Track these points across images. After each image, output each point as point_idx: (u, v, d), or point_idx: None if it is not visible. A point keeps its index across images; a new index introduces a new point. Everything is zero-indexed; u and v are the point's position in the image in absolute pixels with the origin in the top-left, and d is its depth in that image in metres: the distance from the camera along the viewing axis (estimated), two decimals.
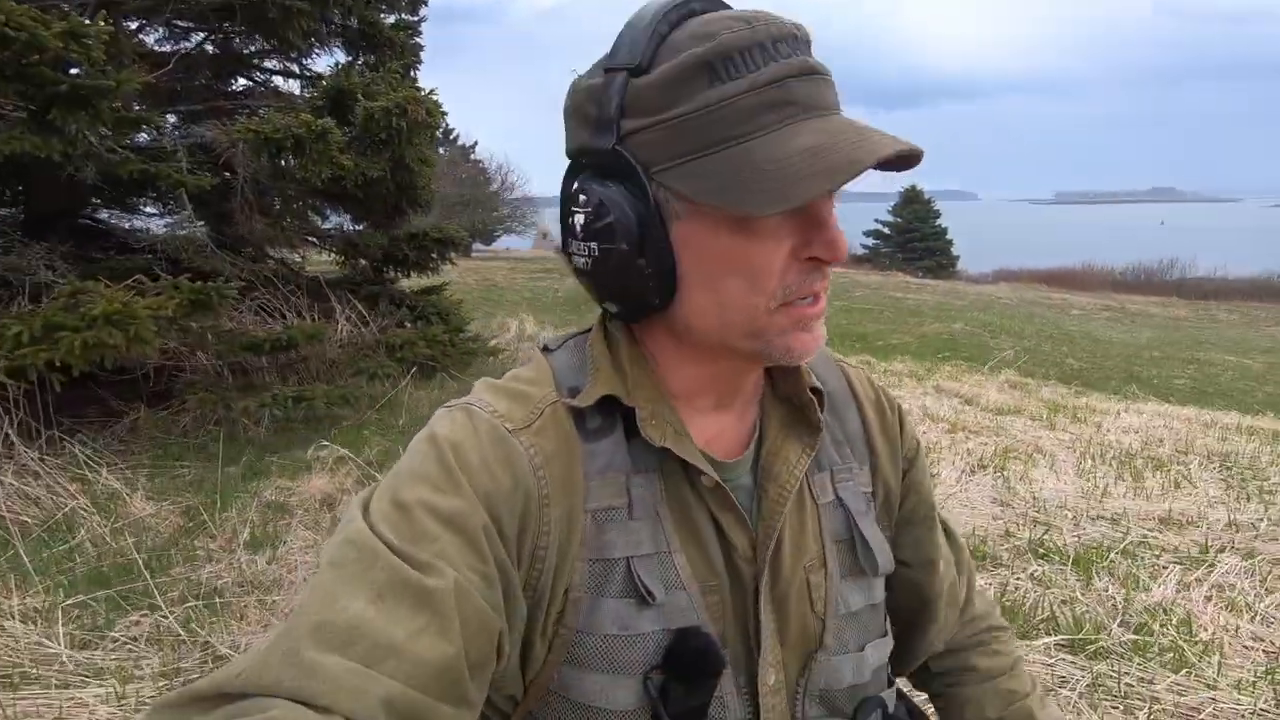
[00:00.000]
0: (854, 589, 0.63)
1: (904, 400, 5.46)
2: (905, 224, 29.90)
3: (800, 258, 0.52)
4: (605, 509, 0.55)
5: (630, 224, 0.51)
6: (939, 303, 15.64)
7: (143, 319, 2.76)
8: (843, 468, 0.65)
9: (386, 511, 0.49)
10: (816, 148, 0.48)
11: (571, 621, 0.54)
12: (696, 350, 0.57)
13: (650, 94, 0.50)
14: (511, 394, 0.57)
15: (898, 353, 8.84)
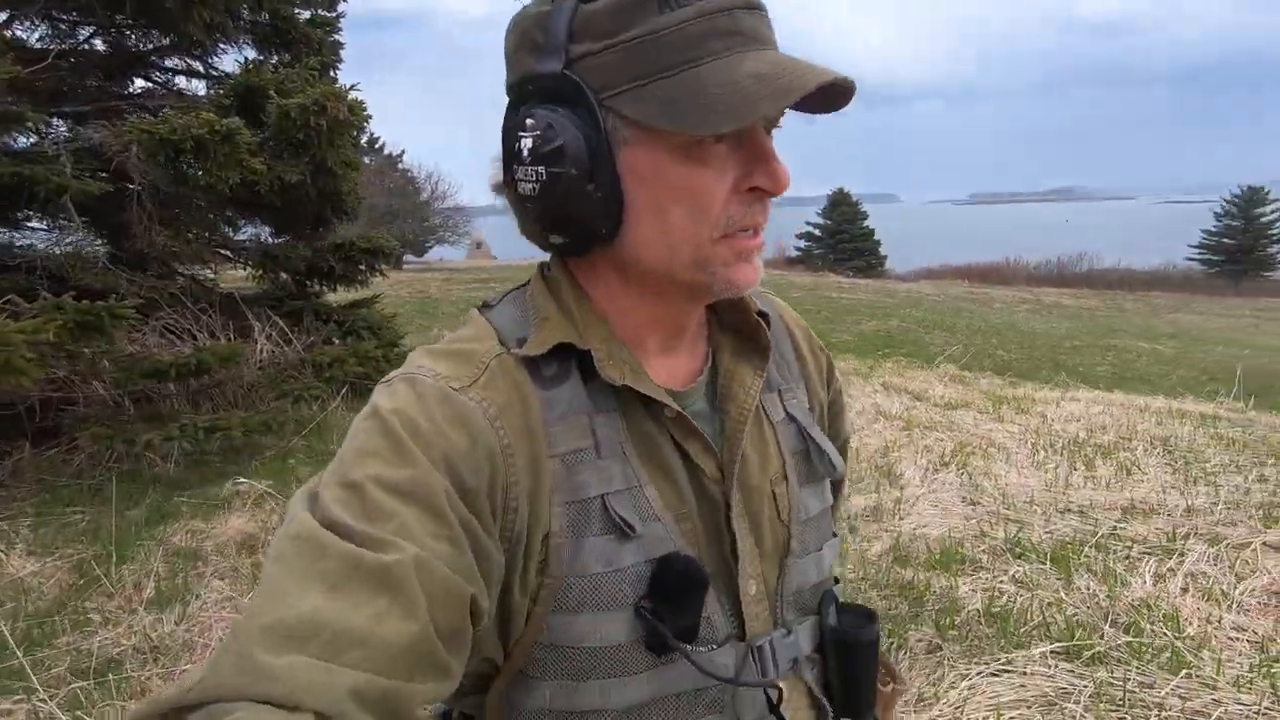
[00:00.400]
0: (811, 495, 0.66)
1: (856, 400, 5.45)
2: (835, 226, 30.71)
3: (742, 189, 0.53)
4: (573, 451, 0.55)
5: (580, 148, 0.51)
6: (872, 301, 16.03)
7: (16, 345, 2.37)
8: (788, 387, 0.69)
9: (337, 495, 0.48)
10: (763, 74, 0.49)
11: (556, 569, 0.54)
12: (642, 288, 0.58)
13: (600, 19, 0.50)
14: (452, 354, 0.56)
15: (840, 351, 8.92)
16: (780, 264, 29.82)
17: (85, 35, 5.20)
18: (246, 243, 5.14)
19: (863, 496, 3.16)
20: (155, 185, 3.58)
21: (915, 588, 2.35)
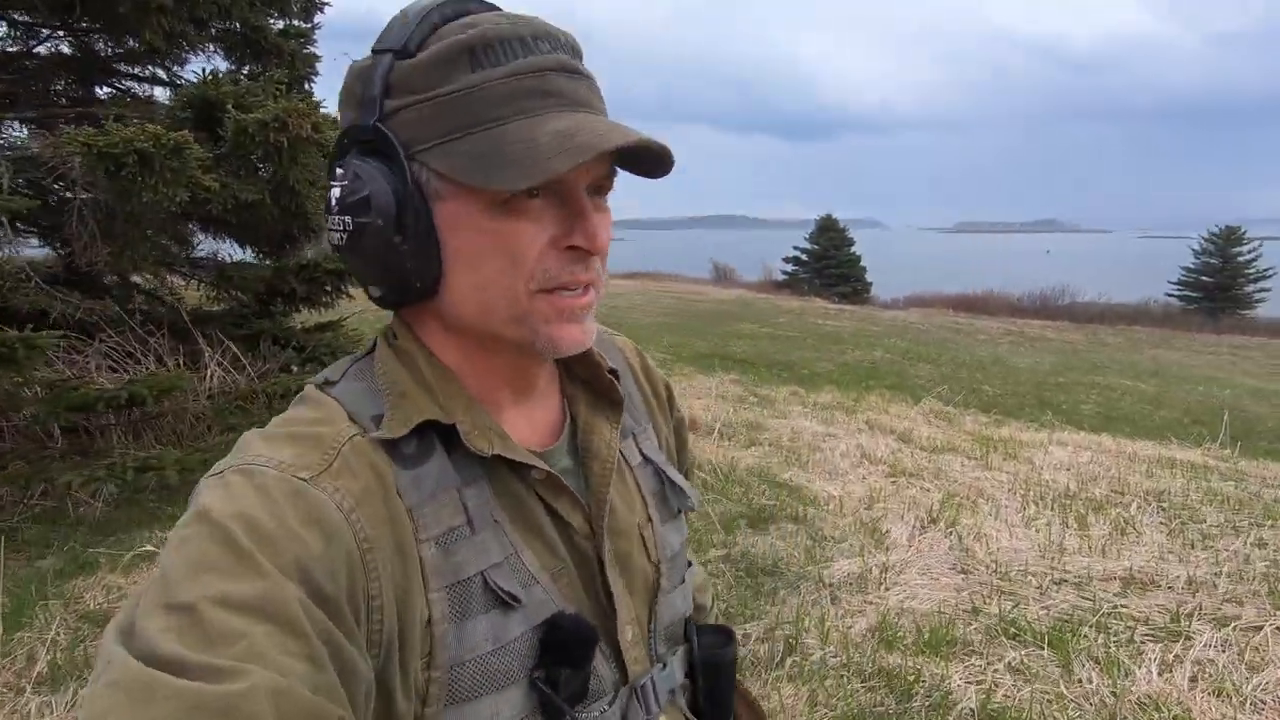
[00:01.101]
0: (672, 530, 0.69)
1: (840, 440, 5.27)
2: (822, 250, 30.85)
3: (561, 246, 0.53)
4: (447, 532, 0.53)
5: (386, 199, 0.51)
6: (857, 329, 15.96)
7: None
8: (640, 430, 0.71)
9: (164, 623, 0.40)
10: (566, 131, 0.50)
11: (442, 659, 0.51)
12: (473, 343, 0.58)
13: (414, 74, 0.51)
14: (295, 439, 0.51)
15: (823, 382, 8.76)
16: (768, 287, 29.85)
17: (45, 37, 4.96)
18: (205, 260, 4.88)
19: (847, 560, 2.95)
20: (96, 200, 3.33)
21: (903, 677, 2.13)
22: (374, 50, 0.53)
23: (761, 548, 3.11)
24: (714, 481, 3.97)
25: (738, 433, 5.32)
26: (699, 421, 5.37)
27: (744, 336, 12.95)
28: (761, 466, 4.40)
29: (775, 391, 7.47)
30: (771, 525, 3.38)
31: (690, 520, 3.14)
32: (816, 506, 3.68)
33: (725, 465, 4.29)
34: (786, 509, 3.60)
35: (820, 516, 3.53)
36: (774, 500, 3.72)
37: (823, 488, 4.01)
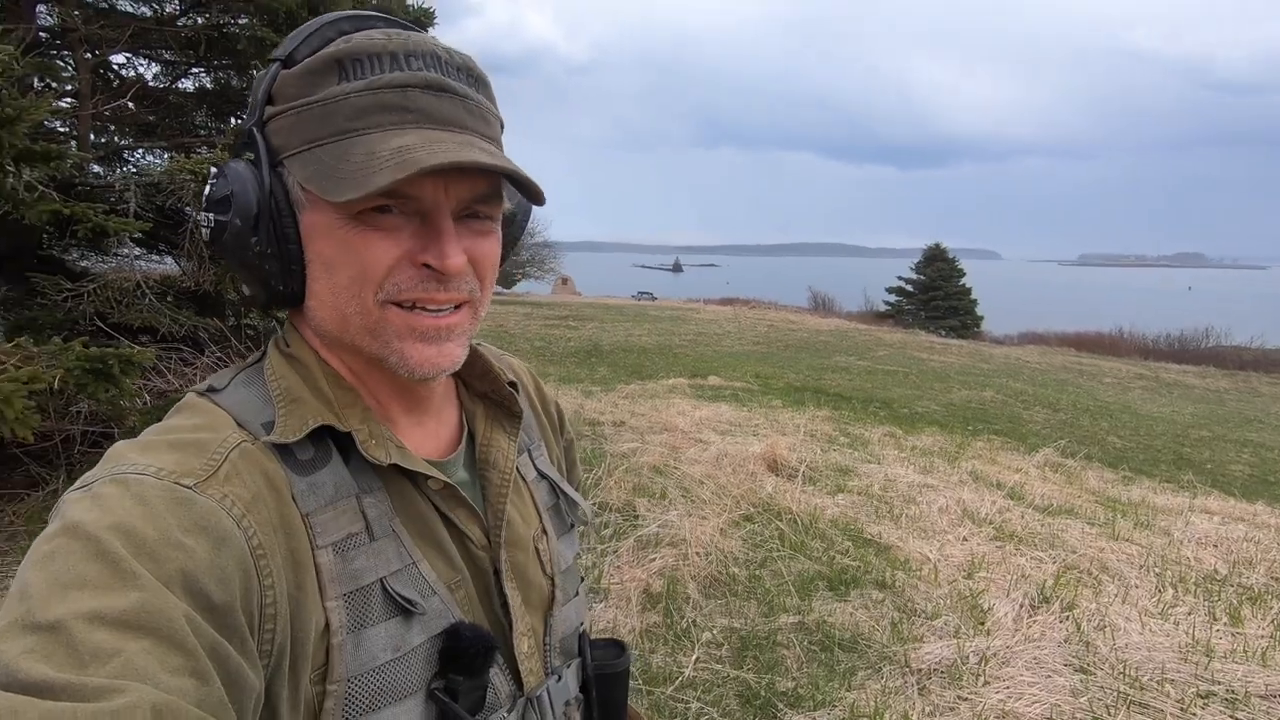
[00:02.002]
0: (566, 544, 0.71)
1: (939, 493, 4.81)
2: (929, 281, 29.36)
3: (416, 262, 0.53)
4: (346, 538, 0.53)
5: (247, 200, 0.52)
6: (965, 365, 14.94)
7: (8, 394, 2.23)
8: (534, 445, 0.73)
9: (27, 646, 0.37)
10: (408, 147, 0.49)
11: (340, 671, 0.50)
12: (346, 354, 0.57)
13: (290, 83, 0.52)
14: (175, 445, 0.49)
15: (924, 423, 8.15)
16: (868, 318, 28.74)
17: (188, 74, 5.43)
18: None
19: (940, 642, 2.59)
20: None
21: None
22: (268, 58, 0.55)
23: (841, 617, 2.80)
24: (791, 534, 3.68)
25: (824, 477, 4.97)
26: (782, 462, 5.06)
27: (839, 370, 12.38)
28: (847, 519, 4.05)
29: (869, 431, 7.00)
30: (854, 591, 3.05)
31: (762, 580, 2.87)
32: (907, 571, 3.31)
33: (806, 515, 3.98)
34: (872, 572, 3.27)
35: (911, 584, 3.16)
36: (858, 561, 3.39)
37: (916, 549, 3.63)
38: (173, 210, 3.79)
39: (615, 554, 3.24)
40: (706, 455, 5.12)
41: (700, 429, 6.15)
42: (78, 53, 4.41)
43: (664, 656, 2.50)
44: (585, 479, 4.38)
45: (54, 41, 4.44)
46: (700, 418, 6.68)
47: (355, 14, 0.55)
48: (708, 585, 3.06)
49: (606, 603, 2.83)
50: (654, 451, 5.05)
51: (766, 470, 4.94)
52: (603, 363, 11.19)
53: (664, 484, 4.36)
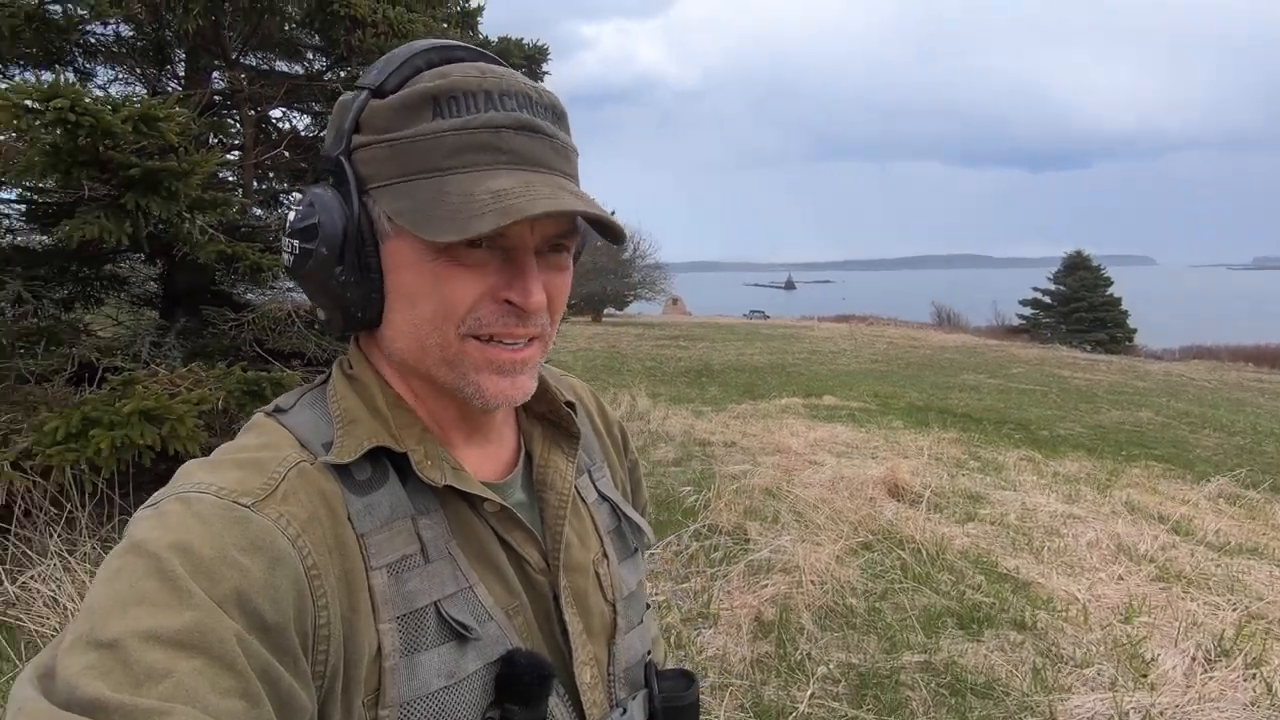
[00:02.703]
0: (629, 569, 0.69)
1: (1088, 525, 4.34)
2: (1070, 292, 26.94)
3: (498, 298, 0.54)
4: (400, 559, 0.52)
5: (334, 229, 0.52)
6: (1115, 384, 13.52)
7: (180, 415, 2.53)
8: (595, 467, 0.71)
9: (86, 662, 0.38)
10: (505, 190, 0.50)
11: (392, 695, 0.49)
12: (418, 381, 0.58)
13: (382, 115, 0.53)
14: (238, 464, 0.50)
15: (1067, 447, 7.42)
16: (999, 332, 26.79)
17: None
18: None
19: (1093, 695, 2.31)
20: None
21: None
22: (356, 86, 0.55)
23: (973, 659, 2.57)
24: (915, 565, 3.44)
25: (951, 504, 4.63)
26: (904, 486, 4.77)
27: (967, 388, 11.58)
28: (979, 550, 3.74)
29: (1003, 455, 6.47)
30: (988, 630, 2.80)
31: (883, 613, 2.70)
32: (1051, 611, 3.00)
33: (932, 544, 3.71)
34: (1009, 610, 2.98)
35: (1055, 626, 2.86)
36: (993, 597, 3.11)
37: (1061, 586, 3.28)
38: None
39: (725, 579, 3.17)
40: (821, 478, 4.92)
41: (815, 450, 5.94)
42: (243, 110, 4.99)
43: (776, 690, 2.39)
44: (694, 500, 4.33)
45: (225, 102, 5.05)
46: (815, 439, 6.45)
47: (444, 44, 0.56)
48: (823, 616, 2.91)
49: (716, 629, 2.76)
50: (766, 473, 4.92)
51: (887, 495, 4.67)
52: (714, 382, 11.11)
53: (776, 507, 4.23)
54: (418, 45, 0.55)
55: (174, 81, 4.80)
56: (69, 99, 2.39)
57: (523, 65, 5.63)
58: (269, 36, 4.68)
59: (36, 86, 2.39)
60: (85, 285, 4.90)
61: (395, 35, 3.94)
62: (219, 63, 4.68)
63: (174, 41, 4.49)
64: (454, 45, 0.56)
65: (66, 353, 3.36)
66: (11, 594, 2.55)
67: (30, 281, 4.02)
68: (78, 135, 2.48)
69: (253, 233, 3.79)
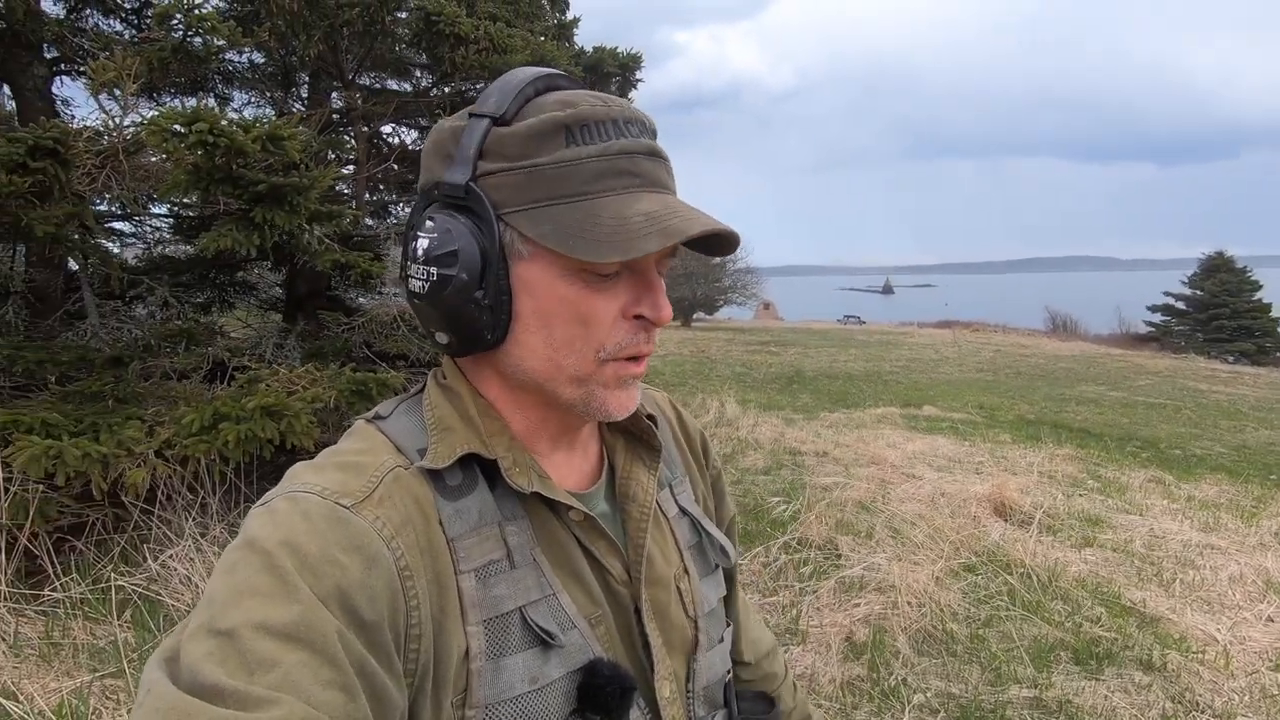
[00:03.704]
0: (709, 586, 0.69)
1: (1230, 557, 3.90)
2: (1209, 296, 24.44)
3: (629, 315, 0.56)
4: (487, 564, 0.54)
5: (473, 254, 0.54)
6: (1264, 399, 12.12)
7: (297, 412, 2.72)
8: (676, 480, 0.72)
9: (208, 649, 0.42)
10: (654, 213, 0.53)
11: (479, 697, 0.51)
12: (528, 395, 0.59)
13: (511, 142, 0.54)
14: (341, 467, 0.53)
15: (1204, 468, 6.71)
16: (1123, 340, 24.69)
17: None
18: None
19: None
20: None
21: None
22: (471, 114, 0.56)
23: (1091, 698, 2.35)
24: (1025, 592, 3.20)
25: (1066, 526, 4.29)
26: (1012, 505, 4.46)
27: (1086, 401, 10.72)
28: (1098, 579, 3.44)
29: (1127, 475, 5.93)
30: (1108, 668, 2.56)
31: (987, 641, 2.52)
32: (1184, 652, 2.71)
33: (1044, 570, 3.44)
34: (1134, 648, 2.72)
35: (1190, 669, 2.58)
36: (1114, 632, 2.84)
37: (1196, 625, 2.96)
38: None
39: (815, 594, 3.07)
40: (920, 493, 4.68)
41: (913, 463, 5.66)
42: (357, 127, 5.34)
43: (867, 715, 2.28)
44: (783, 511, 4.22)
45: (341, 120, 5.42)
46: (913, 451, 6.15)
47: (546, 73, 0.58)
48: (920, 640, 2.76)
49: (805, 646, 2.68)
50: (860, 486, 4.74)
51: (992, 514, 4.38)
52: (805, 389, 10.83)
53: (871, 522, 4.06)
54: (525, 74, 0.57)
55: (299, 103, 5.20)
56: (208, 122, 2.63)
57: (617, 73, 5.72)
58: (381, 57, 4.98)
59: (181, 112, 2.65)
60: (220, 291, 5.38)
61: (496, 51, 4.09)
62: (337, 84, 5.03)
63: (298, 66, 4.86)
64: (554, 73, 0.58)
65: (203, 352, 3.69)
66: (154, 570, 2.82)
67: (175, 288, 4.46)
68: (215, 155, 2.73)
69: (364, 242, 4.04)
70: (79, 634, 2.48)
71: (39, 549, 2.71)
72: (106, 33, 4.35)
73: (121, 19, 4.73)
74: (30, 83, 3.76)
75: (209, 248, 2.91)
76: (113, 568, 2.81)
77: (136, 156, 3.08)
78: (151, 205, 4.81)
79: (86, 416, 2.75)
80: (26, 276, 3.75)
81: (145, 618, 2.59)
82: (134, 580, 2.74)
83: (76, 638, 2.45)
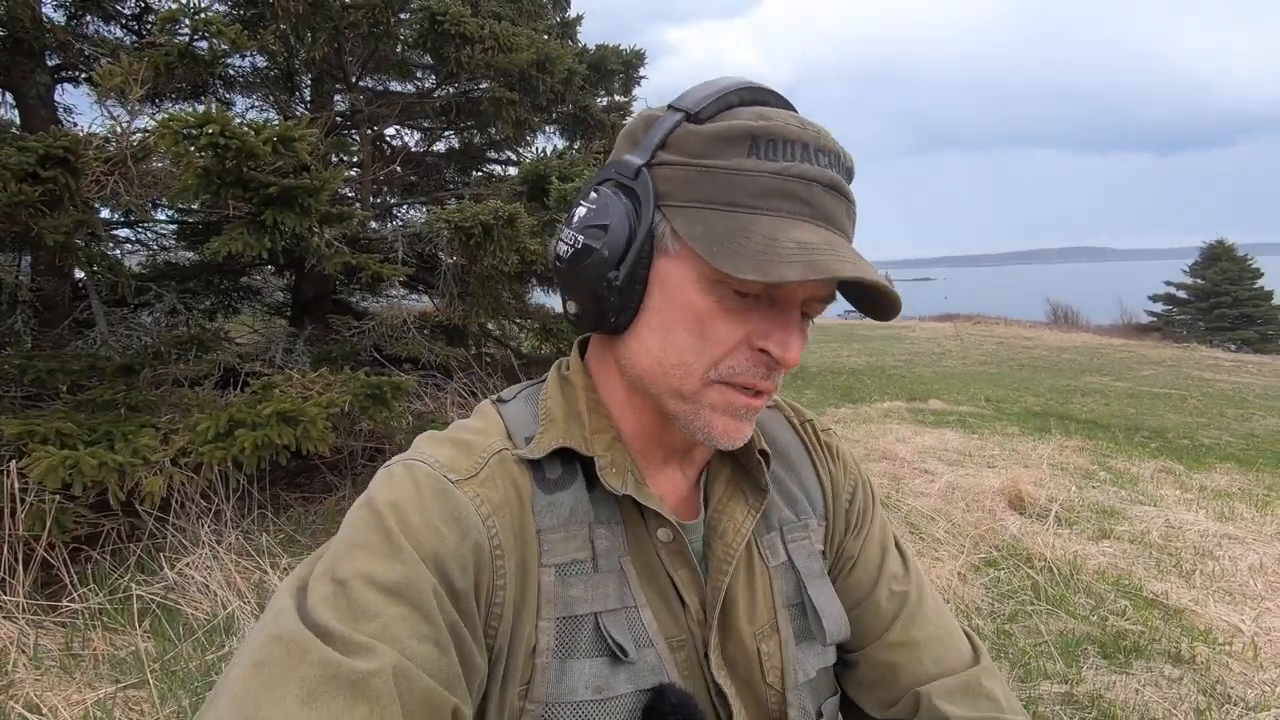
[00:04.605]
0: (809, 654, 0.62)
1: (1244, 549, 3.88)
2: (1210, 286, 24.43)
3: (754, 345, 0.53)
4: (569, 563, 0.54)
5: (621, 234, 0.53)
6: (1271, 387, 12.10)
7: (313, 417, 2.69)
8: (796, 525, 0.65)
9: (325, 592, 0.46)
10: (809, 244, 0.49)
11: (540, 692, 0.51)
12: (640, 397, 0.58)
13: (696, 139, 0.53)
14: (455, 443, 0.56)
15: (1214, 457, 6.68)
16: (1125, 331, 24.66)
17: (441, 137, 6.30)
18: (535, 309, 5.59)
19: None
20: (457, 264, 4.01)
21: None
22: (670, 106, 0.55)
23: (1122, 692, 2.33)
24: (1048, 586, 3.18)
25: (1082, 518, 4.26)
26: (1028, 498, 4.44)
27: (1091, 392, 10.70)
28: (1119, 571, 3.42)
29: (1137, 466, 5.91)
30: (1137, 662, 2.54)
31: (1014, 637, 2.49)
32: (1211, 644, 2.69)
33: (1064, 563, 3.42)
34: (1161, 640, 2.70)
35: (1219, 661, 2.56)
36: (1140, 625, 2.82)
37: (1220, 616, 2.94)
38: (429, 255, 4.37)
39: None
40: (934, 488, 4.66)
41: (924, 458, 5.64)
42: (362, 129, 5.31)
43: None
44: None
45: (345, 122, 5.39)
46: (923, 445, 6.13)
47: (757, 86, 0.56)
48: None
49: None
50: (874, 482, 4.71)
51: (1007, 507, 4.36)
52: (810, 385, 10.80)
53: (888, 519, 4.04)
54: (733, 80, 0.55)
55: (302, 106, 5.16)
56: (219, 124, 2.60)
57: (620, 71, 5.69)
58: (385, 59, 4.94)
59: (193, 114, 2.62)
60: (225, 296, 5.35)
61: (502, 50, 4.06)
62: (340, 86, 5.00)
63: (301, 69, 4.83)
64: (764, 88, 0.56)
65: (213, 359, 3.67)
66: (171, 579, 2.80)
67: (182, 294, 4.43)
68: (225, 158, 2.70)
69: (371, 244, 4.01)
70: (99, 645, 2.46)
71: (55, 559, 2.69)
72: (108, 39, 4.32)
73: (121, 25, 4.70)
74: (34, 90, 3.73)
75: (220, 252, 2.88)
76: (130, 577, 2.79)
77: (144, 162, 3.05)
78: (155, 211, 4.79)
79: (100, 425, 2.73)
80: (34, 285, 3.72)
81: (164, 626, 2.57)
82: (152, 589, 2.72)
83: (97, 648, 2.43)
